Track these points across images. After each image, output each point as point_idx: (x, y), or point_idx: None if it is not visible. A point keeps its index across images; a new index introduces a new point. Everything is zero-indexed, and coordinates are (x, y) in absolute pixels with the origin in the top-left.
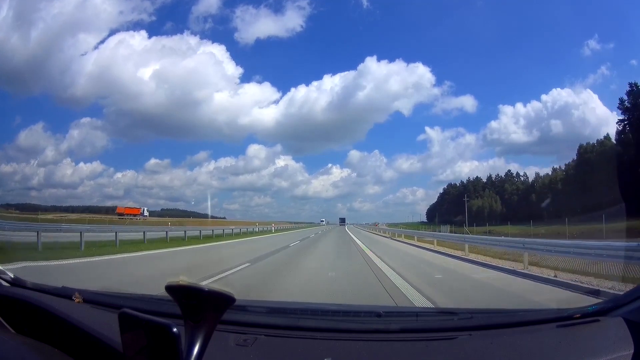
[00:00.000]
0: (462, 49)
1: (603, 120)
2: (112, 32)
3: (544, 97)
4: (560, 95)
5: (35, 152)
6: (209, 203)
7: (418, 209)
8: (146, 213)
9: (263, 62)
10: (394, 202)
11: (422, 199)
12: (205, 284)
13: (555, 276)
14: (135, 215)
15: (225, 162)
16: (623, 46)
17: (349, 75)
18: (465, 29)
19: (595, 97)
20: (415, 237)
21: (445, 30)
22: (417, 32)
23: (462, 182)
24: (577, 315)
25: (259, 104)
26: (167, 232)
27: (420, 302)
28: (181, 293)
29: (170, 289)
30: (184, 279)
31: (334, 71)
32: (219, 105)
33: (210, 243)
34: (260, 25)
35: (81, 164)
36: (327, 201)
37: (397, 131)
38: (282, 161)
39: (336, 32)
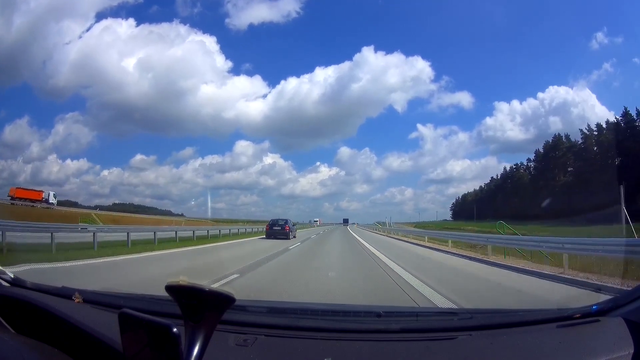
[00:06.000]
0: (463, 43)
1: (602, 119)
2: (99, 18)
3: (540, 94)
4: (558, 92)
5: (20, 147)
6: (208, 201)
7: (406, 209)
8: (53, 200)
9: (255, 52)
10: (382, 201)
11: (410, 198)
12: None
13: None
14: (34, 201)
15: (212, 159)
16: (630, 42)
17: (344, 66)
18: (467, 21)
19: (594, 96)
20: None
21: (446, 21)
22: (418, 24)
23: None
24: (577, 315)
25: (247, 97)
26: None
27: None
28: (181, 293)
29: (170, 289)
30: (184, 279)
31: (328, 61)
32: (207, 98)
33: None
34: (254, 11)
35: (68, 161)
36: (314, 200)
37: (390, 127)
38: (269, 159)
39: (333, 19)
